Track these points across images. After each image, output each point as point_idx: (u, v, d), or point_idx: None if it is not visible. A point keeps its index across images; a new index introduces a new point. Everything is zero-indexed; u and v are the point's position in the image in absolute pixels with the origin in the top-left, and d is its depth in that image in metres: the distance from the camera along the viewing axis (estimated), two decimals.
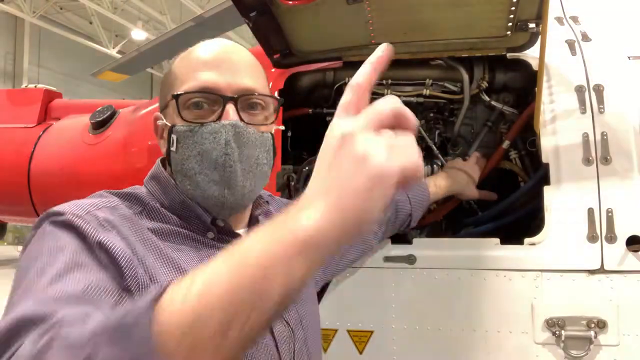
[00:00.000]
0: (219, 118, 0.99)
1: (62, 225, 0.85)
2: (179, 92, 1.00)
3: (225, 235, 1.04)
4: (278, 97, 1.09)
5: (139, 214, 0.99)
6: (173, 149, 1.02)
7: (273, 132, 1.08)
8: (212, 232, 1.03)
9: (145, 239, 0.94)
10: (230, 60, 1.03)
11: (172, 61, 1.10)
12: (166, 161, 1.08)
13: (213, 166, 0.99)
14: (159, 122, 1.07)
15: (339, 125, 0.61)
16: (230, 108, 0.99)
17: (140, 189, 1.06)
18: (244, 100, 1.01)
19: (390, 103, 0.62)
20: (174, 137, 1.01)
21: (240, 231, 1.08)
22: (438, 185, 1.73)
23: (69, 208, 0.89)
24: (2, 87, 14.91)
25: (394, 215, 1.59)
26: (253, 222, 1.13)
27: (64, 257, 0.78)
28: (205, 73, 1.00)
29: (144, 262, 0.89)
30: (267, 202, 1.19)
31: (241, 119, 1.00)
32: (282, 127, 1.11)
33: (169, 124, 1.03)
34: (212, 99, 1.00)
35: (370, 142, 0.57)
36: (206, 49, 1.05)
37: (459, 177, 1.79)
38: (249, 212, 1.12)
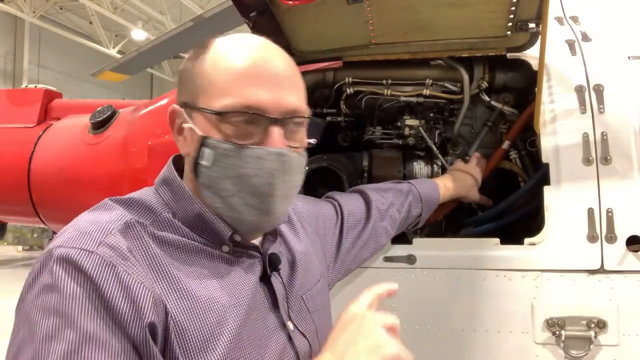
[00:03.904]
0: (263, 141, 0.93)
1: (71, 272, 0.80)
2: (220, 109, 0.92)
3: (241, 249, 1.00)
4: (321, 120, 1.04)
5: (150, 224, 0.93)
6: (204, 162, 0.94)
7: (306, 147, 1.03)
8: (228, 246, 0.98)
9: (155, 264, 0.89)
10: (276, 72, 0.95)
11: (199, 52, 0.99)
12: (183, 162, 1.01)
13: (253, 191, 0.93)
14: (185, 125, 0.98)
15: (352, 308, 0.94)
16: (275, 131, 0.93)
17: (150, 195, 0.99)
18: (289, 121, 0.96)
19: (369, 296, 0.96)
20: (208, 151, 0.93)
21: (256, 241, 1.04)
22: (447, 187, 1.73)
23: (77, 243, 0.83)
24: (2, 87, 14.92)
25: (406, 215, 1.59)
26: (272, 232, 1.08)
27: (74, 332, 0.76)
28: (250, 89, 0.92)
29: (154, 292, 0.85)
30: None
31: (286, 143, 0.94)
32: (315, 142, 1.07)
33: (200, 132, 0.94)
34: (255, 119, 0.93)
35: (379, 333, 0.89)
36: (248, 55, 0.95)
37: (465, 181, 1.78)
38: None
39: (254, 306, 0.97)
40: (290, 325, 1.03)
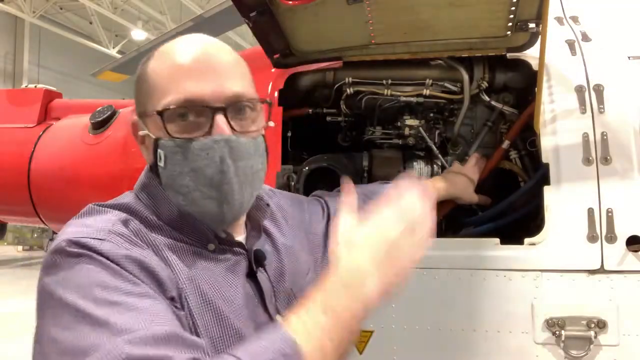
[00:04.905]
0: (209, 131, 0.94)
1: (91, 255, 0.82)
2: (161, 108, 0.94)
3: (226, 246, 1.01)
4: (266, 100, 1.03)
5: (138, 226, 0.95)
6: (161, 164, 0.96)
7: (264, 132, 1.03)
8: (213, 244, 0.99)
9: (159, 254, 0.92)
10: (212, 64, 0.96)
11: (143, 61, 1.03)
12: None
13: (209, 183, 0.95)
14: (141, 132, 1.01)
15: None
16: (219, 119, 0.93)
17: (131, 200, 1.00)
18: (233, 107, 0.96)
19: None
20: (160, 152, 0.96)
21: (239, 238, 1.05)
22: (437, 187, 1.72)
23: (86, 234, 0.85)
24: (2, 87, 14.92)
25: None
26: (255, 227, 1.10)
27: (117, 293, 0.78)
28: (188, 83, 0.94)
29: (167, 272, 0.89)
30: (267, 204, 1.16)
31: (232, 128, 0.95)
32: (273, 124, 1.07)
33: (153, 136, 0.97)
34: (199, 111, 0.94)
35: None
36: (184, 52, 0.97)
37: (458, 182, 1.78)
38: (245, 216, 1.09)
39: (243, 303, 0.98)
40: (278, 319, 1.03)
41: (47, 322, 0.79)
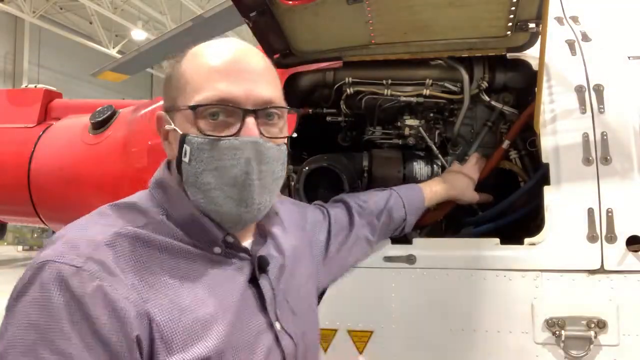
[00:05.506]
0: (237, 132, 0.95)
1: (59, 290, 0.82)
2: (194, 103, 0.95)
3: (232, 250, 1.01)
4: (296, 109, 1.06)
5: (143, 227, 0.94)
6: (185, 159, 0.96)
7: (287, 141, 1.06)
8: (220, 248, 0.99)
9: (143, 272, 0.90)
10: (247, 67, 0.98)
11: (178, 58, 1.04)
12: (173, 165, 1.03)
13: (232, 183, 0.96)
14: (168, 127, 1.01)
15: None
16: (250, 122, 0.95)
17: (144, 199, 1.01)
18: (263, 112, 0.98)
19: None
20: (187, 148, 0.96)
21: (246, 243, 1.05)
22: (434, 190, 1.73)
23: (66, 257, 0.85)
24: (2, 87, 14.92)
25: (388, 220, 1.60)
26: (262, 234, 1.10)
27: (49, 352, 0.78)
28: (223, 83, 0.96)
29: (138, 306, 0.86)
30: (276, 212, 1.17)
31: (260, 133, 0.96)
32: (295, 135, 1.09)
33: (180, 132, 0.98)
34: (231, 111, 0.96)
35: None
36: (220, 54, 0.99)
37: (456, 182, 1.78)
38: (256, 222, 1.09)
39: (242, 308, 0.98)
40: (277, 325, 1.03)
41: None
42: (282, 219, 1.23)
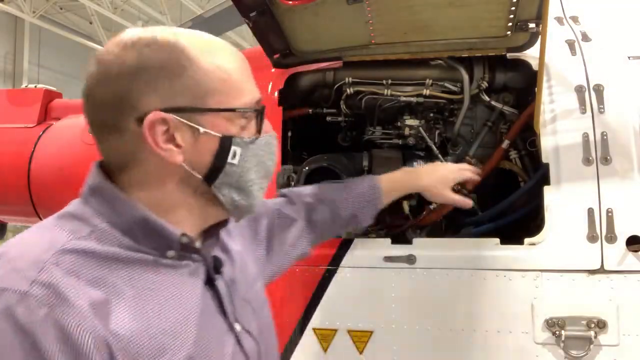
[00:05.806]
0: (259, 128, 0.99)
1: (6, 321, 0.75)
2: (242, 106, 0.94)
3: (186, 252, 0.96)
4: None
5: (87, 237, 0.87)
6: (234, 161, 0.94)
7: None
8: (174, 250, 0.94)
9: (97, 287, 0.83)
10: (249, 68, 1.02)
11: (181, 50, 0.90)
12: (108, 170, 0.97)
13: (266, 175, 1.02)
14: (201, 130, 0.91)
15: None
16: (266, 119, 1.01)
17: (81, 207, 0.93)
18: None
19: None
20: (236, 149, 0.94)
21: (197, 243, 1.01)
22: (393, 179, 1.60)
23: (10, 282, 0.78)
24: (2, 87, 14.92)
25: (330, 218, 1.52)
26: (212, 234, 1.06)
27: None
28: (252, 84, 0.99)
29: (94, 332, 0.79)
30: None
31: None
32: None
33: (216, 134, 0.91)
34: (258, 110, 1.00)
35: None
36: (232, 52, 0.99)
37: (424, 175, 1.62)
38: None
39: (204, 312, 0.96)
40: (237, 326, 1.02)
41: None
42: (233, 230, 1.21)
